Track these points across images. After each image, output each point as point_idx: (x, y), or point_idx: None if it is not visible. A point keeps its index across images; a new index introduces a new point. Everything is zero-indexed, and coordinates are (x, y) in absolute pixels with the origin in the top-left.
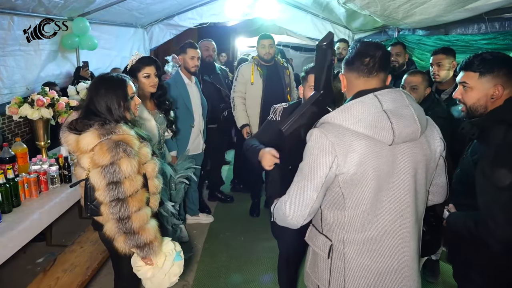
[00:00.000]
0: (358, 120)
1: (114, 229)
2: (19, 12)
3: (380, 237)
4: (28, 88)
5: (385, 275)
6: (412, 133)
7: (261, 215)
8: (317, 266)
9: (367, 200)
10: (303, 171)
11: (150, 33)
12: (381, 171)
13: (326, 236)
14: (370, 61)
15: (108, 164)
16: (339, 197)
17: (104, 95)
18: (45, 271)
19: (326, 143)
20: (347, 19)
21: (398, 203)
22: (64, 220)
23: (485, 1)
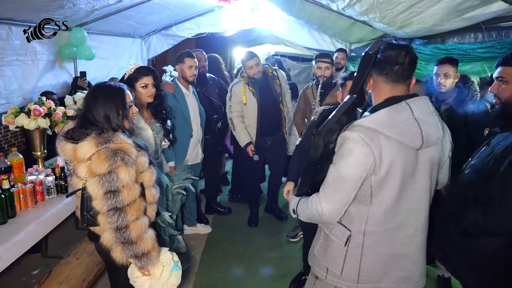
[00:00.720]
0: (392, 127)
1: (112, 239)
2: (17, 22)
3: (396, 228)
4: (25, 98)
5: (396, 258)
6: (436, 139)
7: (260, 225)
8: (330, 251)
9: (391, 199)
10: (340, 172)
11: (147, 43)
12: (406, 173)
13: (344, 226)
14: (399, 68)
15: (106, 172)
16: (366, 194)
17: (102, 104)
18: (40, 284)
19: (364, 145)
20: (344, 34)
21: (416, 200)
22: (60, 231)
23: (482, 10)
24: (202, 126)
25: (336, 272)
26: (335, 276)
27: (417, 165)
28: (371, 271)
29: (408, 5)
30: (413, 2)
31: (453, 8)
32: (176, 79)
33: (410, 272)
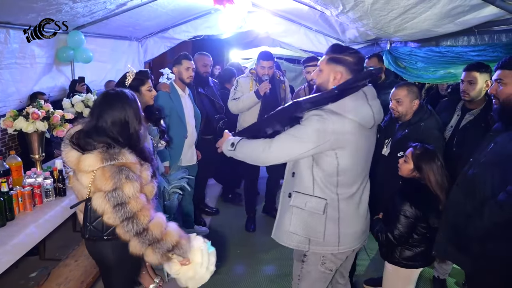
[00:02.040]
0: (352, 110)
1: (138, 244)
2: (15, 26)
3: (358, 192)
4: (21, 101)
5: (361, 218)
6: (379, 120)
7: (257, 226)
8: (308, 224)
9: (352, 168)
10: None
11: (144, 46)
12: (364, 146)
13: (319, 197)
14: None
15: (111, 190)
16: (332, 166)
17: (120, 111)
18: (39, 286)
19: (326, 122)
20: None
21: (366, 167)
22: (58, 234)
23: (474, 15)
24: (197, 128)
25: (318, 240)
26: (318, 244)
27: (369, 139)
28: (348, 233)
29: (401, 11)
30: (406, 9)
31: (446, 13)
32: (173, 81)
33: (367, 227)
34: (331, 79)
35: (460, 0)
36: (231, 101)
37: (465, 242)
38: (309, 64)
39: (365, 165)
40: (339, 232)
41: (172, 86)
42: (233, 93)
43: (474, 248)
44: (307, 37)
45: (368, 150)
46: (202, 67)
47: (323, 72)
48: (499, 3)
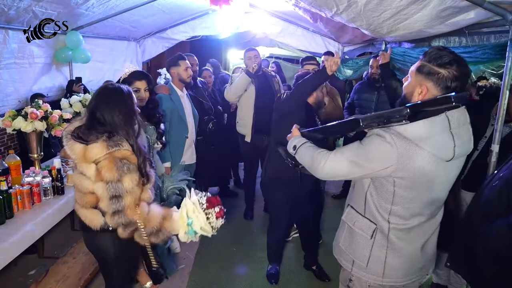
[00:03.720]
0: (426, 139)
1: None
2: (14, 26)
3: (417, 226)
4: (19, 101)
5: (417, 254)
6: (466, 152)
7: (255, 224)
8: (355, 244)
9: (413, 201)
10: (361, 154)
11: (142, 46)
12: (436, 182)
13: (370, 220)
14: (459, 86)
15: (114, 180)
16: (389, 193)
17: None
18: (37, 282)
19: (392, 149)
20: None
21: (435, 204)
22: (56, 232)
23: (463, 16)
24: (196, 127)
25: (362, 264)
26: (361, 269)
27: (445, 174)
28: (395, 266)
29: (393, 12)
30: (398, 10)
31: (436, 15)
32: (171, 82)
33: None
34: (416, 93)
35: (450, 2)
36: (226, 90)
37: (474, 258)
38: (309, 62)
39: (436, 198)
40: (385, 262)
41: (171, 87)
42: (228, 87)
43: (482, 266)
44: (304, 38)
45: (442, 184)
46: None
47: (410, 82)
48: (487, 5)
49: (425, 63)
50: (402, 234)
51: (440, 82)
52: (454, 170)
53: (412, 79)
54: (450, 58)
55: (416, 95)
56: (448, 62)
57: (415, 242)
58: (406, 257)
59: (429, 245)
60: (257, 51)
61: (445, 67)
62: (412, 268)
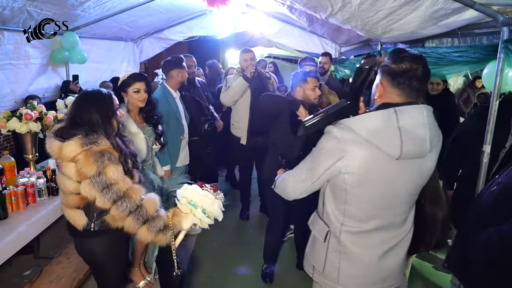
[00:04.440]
0: (372, 132)
1: (132, 222)
2: (9, 27)
3: (372, 231)
4: (16, 102)
5: (375, 264)
6: (420, 152)
7: (251, 224)
8: (315, 249)
9: (366, 200)
10: (313, 156)
11: (140, 47)
12: (386, 179)
13: (324, 223)
14: (415, 83)
15: (95, 174)
16: (341, 191)
17: (93, 107)
18: (32, 283)
19: (339, 142)
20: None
21: (393, 208)
22: (52, 232)
23: (455, 18)
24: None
25: (319, 269)
26: (319, 274)
27: (400, 174)
28: (350, 273)
29: (386, 13)
30: (391, 10)
31: (429, 16)
32: (165, 83)
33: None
34: (376, 92)
35: (442, 3)
36: (222, 93)
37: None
38: (308, 64)
39: (389, 202)
40: (339, 268)
41: (166, 88)
42: (224, 89)
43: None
44: (302, 38)
45: (393, 184)
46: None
47: (375, 87)
48: (478, 7)
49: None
50: (356, 239)
51: (392, 73)
52: (411, 173)
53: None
54: (401, 55)
55: (376, 94)
56: (399, 58)
57: (371, 250)
58: (362, 264)
59: (391, 258)
60: (253, 53)
61: (396, 62)
62: (370, 277)
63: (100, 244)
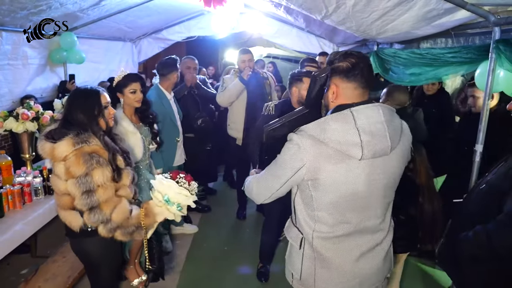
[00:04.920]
0: (330, 135)
1: (104, 231)
2: (7, 28)
3: (346, 236)
4: (13, 102)
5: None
6: (382, 150)
7: (247, 223)
8: (292, 256)
9: (333, 205)
10: (276, 164)
11: (138, 47)
12: (350, 182)
13: (298, 229)
14: (366, 72)
15: (83, 174)
16: (308, 197)
17: (78, 106)
18: (27, 281)
19: (300, 149)
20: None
21: (364, 211)
22: (49, 232)
23: (448, 18)
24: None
25: (297, 276)
26: (297, 281)
27: (367, 175)
28: (326, 279)
29: (380, 14)
30: (385, 11)
31: (422, 16)
32: (158, 84)
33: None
34: (330, 95)
35: (434, 4)
36: (218, 94)
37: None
38: (310, 64)
39: (358, 205)
40: (315, 274)
41: (160, 90)
42: (220, 89)
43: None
44: (300, 38)
45: (360, 187)
46: (185, 69)
47: (325, 93)
48: (470, 7)
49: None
50: (329, 244)
51: (338, 70)
52: (376, 174)
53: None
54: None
55: (330, 97)
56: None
57: (345, 255)
58: (336, 269)
59: (367, 261)
60: (252, 54)
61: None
62: (347, 282)
63: (96, 244)
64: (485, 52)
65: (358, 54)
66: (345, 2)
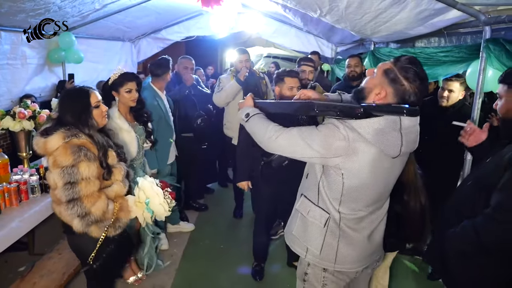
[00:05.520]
0: (377, 135)
1: (80, 225)
2: (6, 28)
3: (364, 217)
4: (12, 101)
5: (367, 243)
6: (411, 149)
7: (244, 223)
8: (309, 232)
9: (363, 195)
10: (314, 137)
11: (137, 47)
12: (382, 177)
13: (323, 209)
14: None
15: (69, 165)
16: (338, 185)
17: (67, 106)
18: (23, 277)
19: (344, 142)
20: (327, 34)
21: (381, 196)
22: (47, 230)
23: (440, 18)
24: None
25: (315, 251)
26: (315, 255)
27: (391, 169)
28: (347, 253)
29: (373, 15)
30: (377, 13)
31: (414, 17)
32: (152, 84)
33: (379, 252)
34: (374, 93)
35: (426, 4)
36: (215, 94)
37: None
38: (306, 63)
39: (381, 193)
40: (337, 249)
41: (154, 90)
42: (217, 89)
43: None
44: (298, 38)
45: (387, 179)
46: (183, 69)
47: (374, 80)
48: (460, 7)
49: (393, 68)
50: (352, 224)
51: (400, 93)
52: (399, 166)
53: (377, 78)
54: (416, 74)
55: (373, 94)
56: (413, 77)
57: (363, 231)
58: (356, 245)
59: (376, 233)
60: (248, 54)
61: (409, 80)
62: (362, 255)
63: (93, 240)
64: (476, 51)
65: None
66: (338, 4)
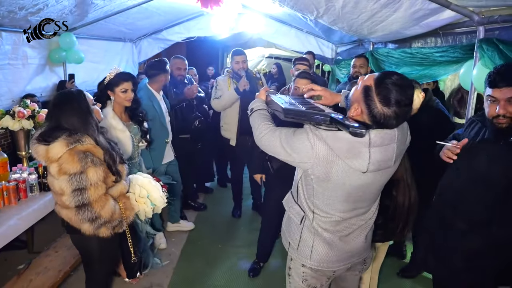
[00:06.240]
0: (344, 151)
1: (91, 228)
2: (7, 28)
3: (339, 221)
4: (13, 101)
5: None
6: (384, 167)
7: (242, 222)
8: (291, 227)
9: (331, 200)
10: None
11: (138, 47)
12: (349, 186)
13: (300, 207)
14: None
15: (77, 172)
16: (310, 187)
17: (71, 109)
18: (19, 274)
19: (312, 150)
20: (326, 33)
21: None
22: (46, 228)
23: (435, 18)
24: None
25: (294, 246)
26: (294, 250)
27: (362, 183)
28: (320, 252)
29: (369, 15)
30: (373, 12)
31: (409, 17)
32: (148, 85)
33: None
34: (353, 108)
35: (420, 4)
36: (214, 99)
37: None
38: (301, 62)
39: (356, 203)
40: (312, 247)
41: (150, 91)
42: (214, 92)
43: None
44: (298, 38)
45: (362, 191)
46: (176, 70)
47: (356, 93)
48: (454, 7)
49: (372, 87)
50: (327, 226)
51: (373, 114)
52: (379, 179)
53: (358, 91)
54: (395, 100)
55: (353, 108)
56: (390, 102)
57: (338, 233)
58: (332, 245)
59: (355, 237)
60: (245, 55)
61: (384, 104)
62: (339, 256)
63: (97, 240)
64: (471, 51)
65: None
66: (334, 4)
